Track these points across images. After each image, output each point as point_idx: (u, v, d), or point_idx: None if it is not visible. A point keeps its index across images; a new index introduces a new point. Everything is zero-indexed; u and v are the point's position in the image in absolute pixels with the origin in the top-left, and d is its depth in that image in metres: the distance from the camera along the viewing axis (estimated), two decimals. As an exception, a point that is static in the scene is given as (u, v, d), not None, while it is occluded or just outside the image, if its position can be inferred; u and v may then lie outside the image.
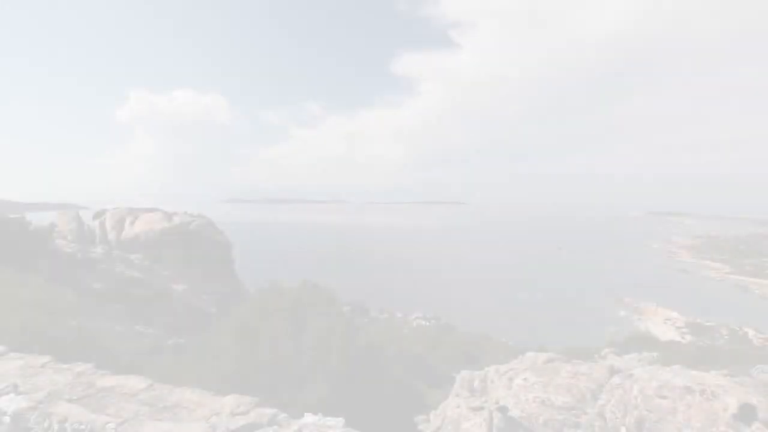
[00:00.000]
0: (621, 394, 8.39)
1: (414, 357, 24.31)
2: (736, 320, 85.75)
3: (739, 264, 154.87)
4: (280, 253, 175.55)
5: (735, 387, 7.48)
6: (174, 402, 4.78)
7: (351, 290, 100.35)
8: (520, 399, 8.61)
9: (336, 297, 10.63)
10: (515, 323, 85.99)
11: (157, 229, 37.73)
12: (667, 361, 20.68)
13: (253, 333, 9.91)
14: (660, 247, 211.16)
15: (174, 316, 21.81)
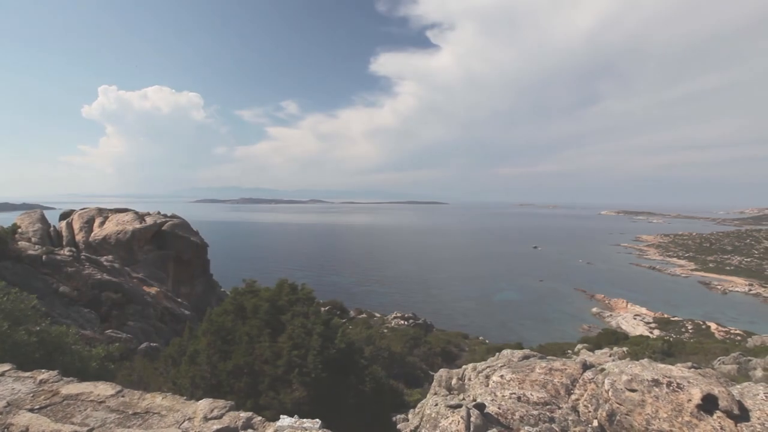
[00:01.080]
0: (593, 388, 8.62)
1: (392, 356, 24.36)
2: (700, 315, 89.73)
3: (703, 261, 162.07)
4: (257, 253, 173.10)
5: (698, 378, 7.79)
6: (144, 408, 4.61)
7: (329, 290, 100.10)
8: (496, 396, 8.74)
9: (314, 297, 10.53)
10: (492, 321, 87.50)
11: (128, 230, 36.55)
12: (636, 355, 21.42)
13: (229, 335, 9.70)
14: (630, 246, 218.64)
15: (147, 319, 21.15)
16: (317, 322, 9.43)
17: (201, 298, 39.32)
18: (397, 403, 16.36)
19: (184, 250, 39.56)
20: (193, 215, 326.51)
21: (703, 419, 7.08)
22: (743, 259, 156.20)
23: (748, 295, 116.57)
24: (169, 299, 27.36)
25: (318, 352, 8.73)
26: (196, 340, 10.06)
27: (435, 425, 7.22)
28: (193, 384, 9.00)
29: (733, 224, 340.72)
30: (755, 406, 7.17)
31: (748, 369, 18.18)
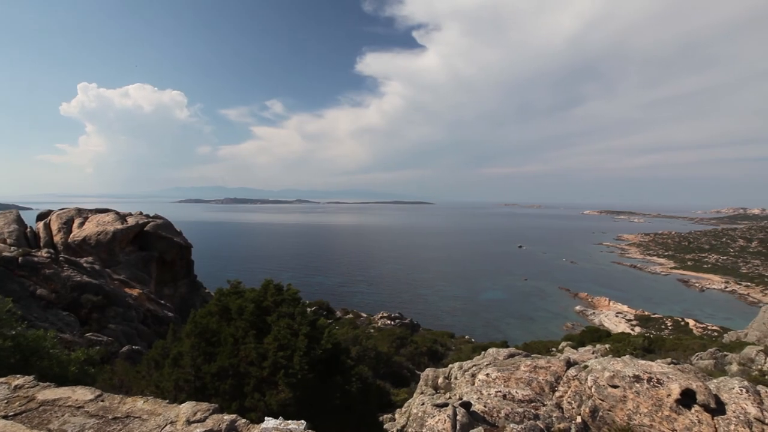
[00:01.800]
0: (577, 385, 8.76)
1: (379, 356, 24.37)
2: (679, 312, 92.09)
3: (682, 259, 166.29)
4: (242, 253, 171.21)
5: (678, 374, 7.99)
6: (125, 412, 4.51)
7: (315, 290, 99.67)
8: (482, 394, 8.81)
9: (300, 298, 10.46)
10: (478, 320, 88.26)
11: (109, 230, 35.76)
12: (618, 352, 21.84)
13: (214, 336, 9.57)
14: (612, 245, 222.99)
15: (129, 321, 20.72)
16: (303, 322, 9.37)
17: (185, 299, 38.70)
18: (383, 403, 16.38)
19: (168, 250, 38.89)
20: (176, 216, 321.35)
21: (681, 413, 7.26)
22: (720, 258, 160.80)
23: (725, 292, 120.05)
24: (152, 301, 26.86)
25: (304, 353, 8.67)
26: (179, 342, 9.89)
27: (422, 424, 7.24)
28: (177, 387, 8.84)
29: (710, 223, 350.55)
30: (731, 400, 7.39)
31: (725, 364, 18.70)
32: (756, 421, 6.90)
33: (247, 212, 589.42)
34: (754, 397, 7.36)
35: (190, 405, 4.63)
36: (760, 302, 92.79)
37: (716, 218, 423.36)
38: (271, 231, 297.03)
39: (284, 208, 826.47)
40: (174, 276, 39.47)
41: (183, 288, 40.13)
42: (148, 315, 23.35)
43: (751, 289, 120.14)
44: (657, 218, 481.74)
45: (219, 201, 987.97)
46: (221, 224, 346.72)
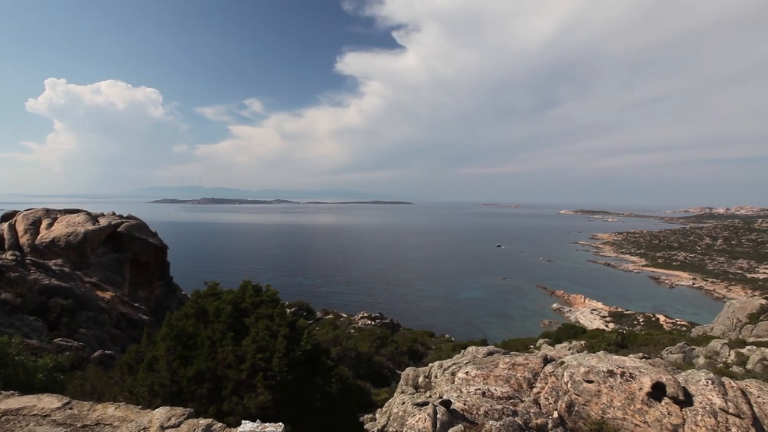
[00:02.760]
0: (554, 381, 8.94)
1: (360, 357, 24.32)
2: (650, 308, 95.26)
3: (653, 257, 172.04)
4: (219, 254, 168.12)
5: (649, 368, 8.26)
6: (95, 420, 4.36)
7: (295, 291, 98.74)
8: (462, 392, 8.89)
9: (279, 299, 10.34)
10: (457, 319, 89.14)
11: (80, 231, 34.53)
12: (593, 348, 22.44)
13: (190, 340, 9.37)
14: (587, 243, 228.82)
15: (101, 325, 20.06)
16: (282, 324, 9.26)
17: (160, 302, 37.72)
18: (364, 403, 16.36)
19: (142, 252, 37.82)
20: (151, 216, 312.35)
21: (652, 406, 7.51)
22: (688, 255, 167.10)
23: (692, 288, 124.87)
24: (126, 304, 26.07)
25: (283, 354, 8.58)
26: (154, 346, 9.63)
27: (402, 423, 7.26)
28: (152, 392, 8.61)
29: (678, 222, 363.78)
30: (698, 392, 7.70)
31: (692, 357, 19.45)
32: (721, 411, 7.20)
33: (225, 212, 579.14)
34: (718, 389, 7.68)
35: (164, 410, 4.51)
36: (725, 298, 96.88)
37: (684, 217, 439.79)
38: (250, 231, 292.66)
39: (263, 208, 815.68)
40: (149, 278, 38.42)
41: (158, 290, 39.11)
42: (121, 318, 22.65)
43: (716, 285, 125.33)
44: (629, 217, 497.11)
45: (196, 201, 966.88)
46: (198, 225, 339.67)
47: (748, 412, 7.26)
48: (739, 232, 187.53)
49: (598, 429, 7.54)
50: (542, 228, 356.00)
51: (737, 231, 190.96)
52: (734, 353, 17.58)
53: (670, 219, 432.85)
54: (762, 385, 8.28)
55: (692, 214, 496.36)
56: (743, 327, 31.57)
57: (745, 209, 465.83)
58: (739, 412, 7.23)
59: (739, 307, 34.42)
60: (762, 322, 30.47)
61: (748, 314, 32.61)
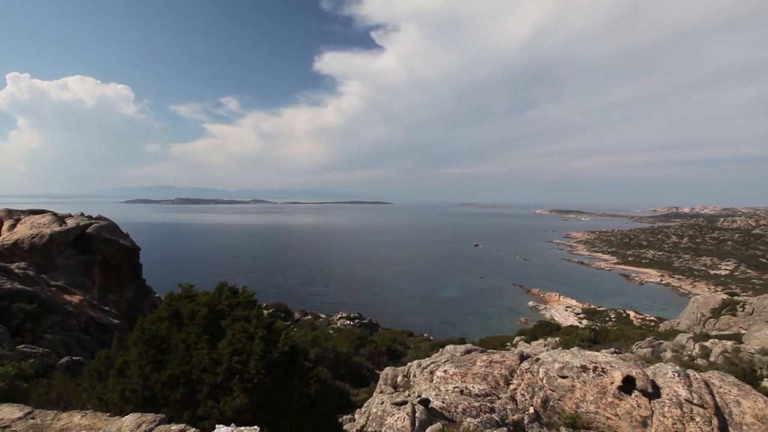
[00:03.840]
0: (529, 377, 9.13)
1: (339, 357, 24.21)
2: (621, 304, 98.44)
3: (623, 255, 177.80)
4: (195, 256, 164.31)
5: (620, 362, 8.55)
6: (59, 429, 4.19)
7: (273, 292, 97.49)
8: (440, 390, 8.98)
9: (256, 300, 10.18)
10: (436, 318, 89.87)
11: (45, 233, 33.12)
12: (567, 344, 23.01)
13: (164, 343, 9.12)
14: (561, 242, 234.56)
15: (68, 331, 19.29)
16: (259, 325, 9.13)
17: (132, 305, 36.58)
18: (343, 404, 16.30)
19: (112, 254, 36.56)
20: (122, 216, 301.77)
21: (623, 399, 7.77)
22: (656, 253, 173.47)
23: (660, 285, 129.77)
24: (95, 308, 25.16)
25: (260, 356, 8.45)
26: (126, 350, 9.33)
27: (381, 423, 7.28)
28: (123, 398, 8.33)
29: (647, 222, 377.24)
30: (665, 384, 8.01)
31: (660, 351, 20.20)
32: (686, 402, 7.52)
33: (200, 213, 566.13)
34: (684, 381, 8.01)
35: (134, 417, 4.38)
36: (690, 293, 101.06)
37: (653, 217, 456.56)
38: (226, 232, 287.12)
39: (240, 208, 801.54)
40: (120, 281, 37.20)
41: (130, 293, 37.91)
42: (90, 323, 21.85)
43: (682, 281, 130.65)
44: (602, 217, 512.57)
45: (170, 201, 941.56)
46: (173, 225, 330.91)
47: (710, 402, 7.61)
48: (703, 231, 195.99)
49: (571, 423, 7.74)
50: (518, 227, 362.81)
51: (701, 230, 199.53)
52: (698, 346, 18.34)
53: (639, 218, 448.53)
54: (723, 376, 8.69)
55: (660, 213, 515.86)
56: (707, 321, 32.97)
57: (708, 209, 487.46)
58: (703, 402, 7.57)
59: (703, 302, 35.94)
60: (723, 316, 31.89)
61: (711, 309, 34.07)
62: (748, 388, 8.43)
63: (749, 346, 18.24)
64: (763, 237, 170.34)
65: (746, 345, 18.65)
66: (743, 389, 8.25)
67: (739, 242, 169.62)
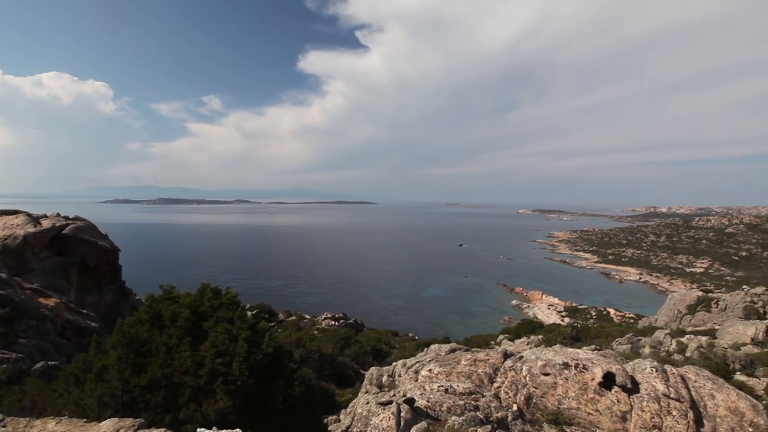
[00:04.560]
0: (513, 375, 9.25)
1: (323, 358, 24.10)
2: (602, 302, 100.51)
3: (604, 254, 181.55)
4: (176, 257, 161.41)
5: (600, 359, 8.73)
6: (35, 436, 4.08)
7: (256, 293, 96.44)
8: (425, 390, 9.01)
9: (239, 301, 10.06)
10: (421, 317, 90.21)
11: (19, 234, 32.10)
12: (550, 342, 23.36)
13: (144, 346, 8.94)
14: (544, 242, 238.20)
15: (44, 335, 18.74)
16: (243, 327, 9.03)
17: (111, 307, 35.72)
18: (328, 405, 16.22)
19: (91, 255, 35.65)
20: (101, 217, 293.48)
21: (603, 395, 7.94)
22: (635, 252, 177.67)
23: (639, 282, 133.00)
24: (72, 311, 24.49)
25: (244, 358, 8.36)
26: (104, 354, 9.11)
27: (366, 423, 7.27)
28: (101, 403, 8.13)
29: (627, 221, 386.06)
30: (644, 379, 8.22)
31: (639, 347, 20.69)
32: (663, 397, 7.74)
33: (182, 213, 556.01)
34: (662, 376, 8.23)
35: (111, 422, 4.28)
36: (667, 291, 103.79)
37: (632, 216, 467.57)
38: (209, 233, 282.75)
39: (223, 208, 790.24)
40: (98, 283, 36.29)
41: (109, 295, 37.02)
42: (67, 326, 21.26)
43: (660, 279, 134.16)
44: (583, 216, 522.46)
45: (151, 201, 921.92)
46: (154, 226, 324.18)
47: (686, 396, 7.84)
48: (680, 230, 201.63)
49: (554, 419, 7.88)
50: (502, 227, 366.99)
51: (678, 229, 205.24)
52: (675, 342, 18.86)
53: (619, 218, 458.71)
54: (698, 371, 8.96)
55: (639, 213, 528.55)
56: (683, 317, 33.92)
57: (684, 208, 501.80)
58: (679, 396, 7.79)
59: (680, 299, 36.98)
60: (699, 313, 32.85)
61: (687, 306, 35.07)
62: (722, 381, 8.71)
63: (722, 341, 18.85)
64: (736, 236, 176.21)
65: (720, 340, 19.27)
66: (717, 383, 8.52)
67: (713, 241, 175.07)
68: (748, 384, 12.32)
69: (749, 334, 20.59)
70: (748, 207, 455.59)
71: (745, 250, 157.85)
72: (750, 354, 15.95)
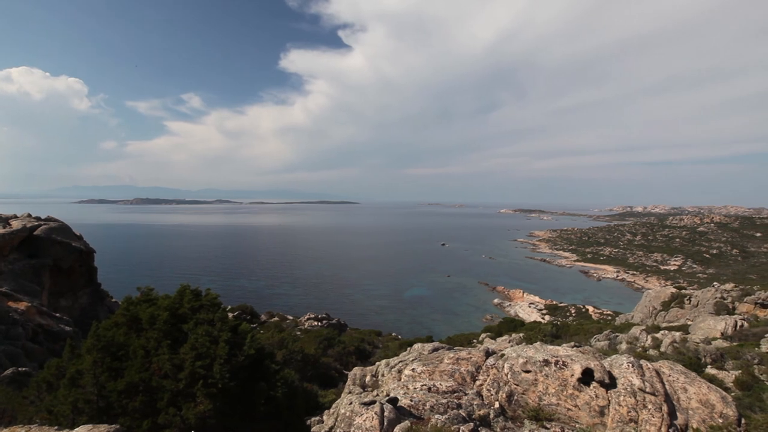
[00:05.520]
0: (495, 372, 9.37)
1: (306, 359, 23.93)
2: (581, 299, 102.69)
3: (583, 253, 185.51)
4: (155, 258, 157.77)
5: (579, 355, 8.92)
6: (5, 444, 3.92)
7: (238, 295, 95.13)
8: (408, 389, 9.04)
9: (220, 303, 9.90)
10: (404, 317, 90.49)
11: (-14, 235, 30.87)
12: (531, 339, 23.74)
13: (121, 350, 8.72)
14: (525, 241, 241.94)
15: (14, 340, 18.10)
16: (224, 328, 8.90)
17: (86, 311, 34.71)
18: (311, 406, 16.11)
19: (64, 257, 34.55)
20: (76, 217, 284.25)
21: (582, 390, 8.12)
22: (612, 250, 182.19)
23: (616, 280, 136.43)
24: (45, 315, 23.70)
25: (225, 360, 8.23)
26: (79, 359, 8.85)
27: (350, 424, 7.25)
28: (75, 410, 7.90)
29: (604, 220, 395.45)
30: (620, 374, 8.44)
31: (616, 343, 21.21)
32: (639, 391, 7.96)
33: (161, 213, 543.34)
34: (637, 371, 8.47)
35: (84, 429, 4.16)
36: (643, 288, 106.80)
37: (609, 215, 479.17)
38: (189, 233, 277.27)
39: (203, 208, 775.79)
40: (72, 285, 35.21)
41: (84, 298, 35.96)
42: (39, 331, 20.57)
43: (636, 277, 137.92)
44: (563, 216, 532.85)
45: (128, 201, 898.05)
46: (131, 226, 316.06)
47: (661, 390, 8.08)
48: (654, 229, 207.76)
49: (534, 416, 8.01)
50: (484, 227, 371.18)
51: (653, 228, 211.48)
52: (650, 338, 19.42)
53: (597, 217, 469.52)
54: (672, 365, 9.25)
55: (616, 212, 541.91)
56: (658, 314, 34.96)
57: (659, 208, 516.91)
58: (654, 390, 8.03)
59: (654, 296, 38.11)
60: (672, 309, 33.91)
61: (661, 302, 36.17)
62: (694, 375, 9.02)
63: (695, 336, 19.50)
64: (707, 234, 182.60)
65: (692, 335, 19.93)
66: (689, 376, 8.82)
67: (686, 239, 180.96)
68: (719, 377, 12.80)
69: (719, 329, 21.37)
70: (719, 207, 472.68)
71: (716, 248, 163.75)
72: (720, 348, 16.55)
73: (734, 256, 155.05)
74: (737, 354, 15.47)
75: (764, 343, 17.41)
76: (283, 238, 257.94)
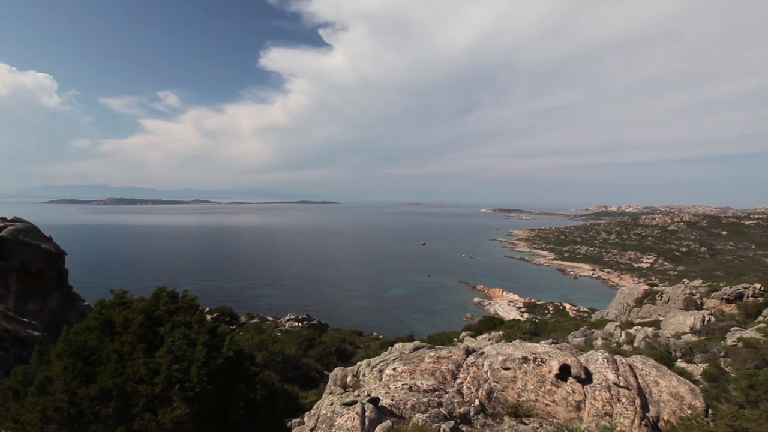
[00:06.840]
0: (475, 370, 9.48)
1: (287, 360, 23.70)
2: (558, 297, 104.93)
3: (560, 251, 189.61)
4: (129, 260, 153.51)
5: (557, 352, 9.11)
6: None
7: (217, 296, 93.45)
8: (390, 388, 9.05)
9: (198, 305, 9.70)
10: (385, 317, 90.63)
11: (-53, 237, 29.42)
12: (510, 337, 24.12)
13: (93, 355, 8.44)
14: (504, 240, 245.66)
15: (-23, 346, 17.31)
16: (201, 331, 8.72)
17: (56, 315, 33.45)
18: (292, 408, 15.96)
19: (32, 259, 33.20)
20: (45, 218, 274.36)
21: (560, 386, 8.30)
22: (588, 249, 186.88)
23: (592, 278, 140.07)
24: (11, 320, 22.72)
25: (203, 363, 8.07)
26: (48, 365, 8.52)
27: (331, 424, 7.22)
28: (44, 418, 7.60)
29: (581, 219, 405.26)
30: (596, 370, 8.67)
31: (592, 340, 21.77)
32: (614, 385, 8.20)
33: (136, 214, 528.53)
34: (612, 366, 8.72)
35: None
36: (618, 285, 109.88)
37: (585, 215, 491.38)
38: (165, 234, 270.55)
39: (180, 209, 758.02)
40: (42, 289, 33.87)
41: (54, 302, 34.65)
42: (5, 337, 19.71)
43: (611, 274, 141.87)
44: (540, 215, 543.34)
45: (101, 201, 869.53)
46: (104, 227, 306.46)
47: (634, 384, 8.34)
48: (628, 228, 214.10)
49: (514, 412, 8.14)
50: (464, 226, 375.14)
51: (627, 227, 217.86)
52: (624, 333, 20.01)
53: (573, 216, 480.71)
54: (645, 360, 9.57)
55: (591, 212, 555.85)
56: (631, 310, 36.03)
57: (632, 207, 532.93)
58: (628, 384, 8.27)
59: (628, 293, 39.25)
60: (645, 305, 35.01)
61: (635, 299, 37.28)
62: (665, 369, 9.34)
63: (666, 331, 20.19)
64: (677, 233, 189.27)
65: (663, 330, 20.63)
66: (661, 370, 9.13)
67: (657, 238, 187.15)
68: (688, 370, 13.29)
69: (688, 324, 22.17)
70: (688, 206, 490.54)
71: (686, 246, 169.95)
72: (689, 342, 17.18)
73: (702, 253, 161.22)
74: (705, 348, 16.10)
75: (729, 337, 18.17)
76: (263, 238, 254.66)
